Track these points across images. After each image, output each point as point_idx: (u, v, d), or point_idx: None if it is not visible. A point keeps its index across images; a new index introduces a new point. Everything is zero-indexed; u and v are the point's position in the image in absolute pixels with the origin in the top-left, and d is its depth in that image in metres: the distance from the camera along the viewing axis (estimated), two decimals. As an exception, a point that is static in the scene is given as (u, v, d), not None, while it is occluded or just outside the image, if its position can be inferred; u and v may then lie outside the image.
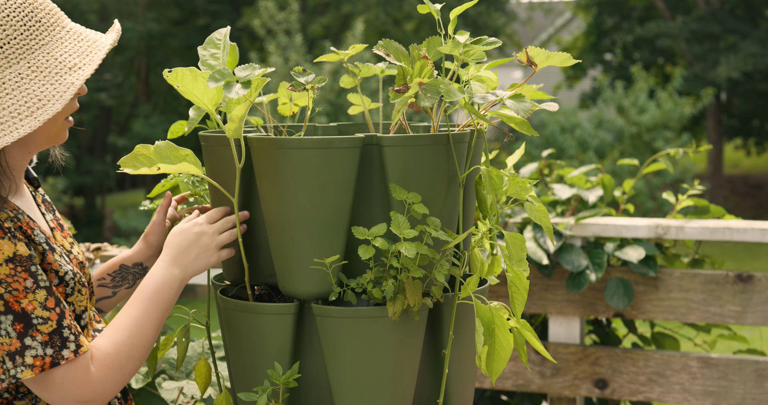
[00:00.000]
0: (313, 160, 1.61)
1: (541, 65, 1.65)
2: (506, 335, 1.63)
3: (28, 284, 1.46)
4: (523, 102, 1.60)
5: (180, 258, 1.65)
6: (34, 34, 1.51)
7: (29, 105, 1.47)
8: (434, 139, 1.64)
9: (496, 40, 1.67)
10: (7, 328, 1.44)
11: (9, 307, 1.44)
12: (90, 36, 1.58)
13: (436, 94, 1.56)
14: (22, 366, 1.44)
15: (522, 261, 1.63)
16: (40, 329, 1.46)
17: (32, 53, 1.50)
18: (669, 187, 12.61)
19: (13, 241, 1.46)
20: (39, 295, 1.47)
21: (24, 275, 1.46)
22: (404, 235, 1.58)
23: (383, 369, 1.65)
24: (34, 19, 1.51)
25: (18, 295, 1.45)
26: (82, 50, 1.54)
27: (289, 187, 1.63)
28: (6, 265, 1.44)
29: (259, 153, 1.65)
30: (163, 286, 1.62)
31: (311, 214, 1.63)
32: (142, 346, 1.58)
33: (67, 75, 1.50)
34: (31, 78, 1.49)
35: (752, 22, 15.64)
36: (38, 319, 1.46)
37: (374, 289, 1.62)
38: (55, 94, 1.48)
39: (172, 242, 1.66)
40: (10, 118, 1.46)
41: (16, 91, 1.47)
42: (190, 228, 1.67)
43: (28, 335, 1.45)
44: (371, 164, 1.64)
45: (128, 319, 1.58)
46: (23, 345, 1.44)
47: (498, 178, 1.63)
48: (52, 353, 1.46)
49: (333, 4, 17.36)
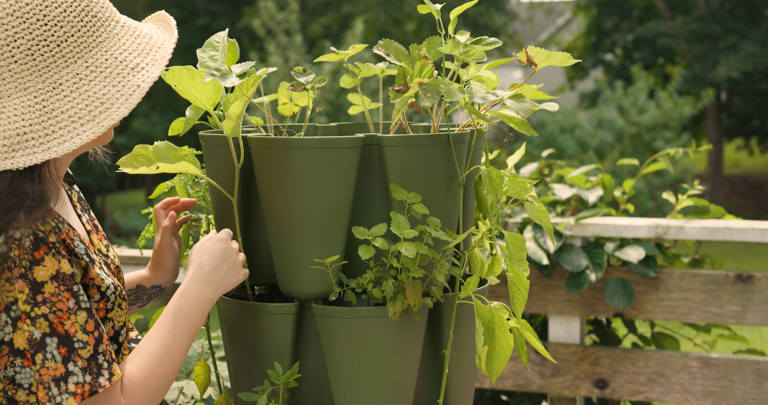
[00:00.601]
0: (313, 161, 1.61)
1: (541, 65, 1.65)
2: (506, 335, 1.63)
3: (70, 305, 1.36)
4: (523, 102, 1.60)
5: (212, 278, 1.55)
6: (91, 31, 1.39)
7: (90, 109, 1.37)
8: (434, 139, 1.64)
9: (496, 40, 1.67)
10: (53, 351, 1.34)
11: (54, 329, 1.34)
12: (144, 31, 1.48)
13: (436, 94, 1.56)
14: (66, 393, 1.34)
15: (522, 261, 1.62)
16: (81, 354, 1.36)
17: (90, 51, 1.39)
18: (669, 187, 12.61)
19: (56, 258, 1.36)
20: (80, 316, 1.37)
21: (66, 295, 1.36)
22: (404, 235, 1.58)
23: (383, 369, 1.65)
24: (90, 13, 1.40)
25: (62, 317, 1.35)
26: (141, 48, 1.44)
27: (289, 187, 1.63)
28: (51, 282, 1.35)
29: (259, 153, 1.65)
30: (195, 309, 1.52)
31: (311, 214, 1.63)
32: (171, 374, 1.48)
33: (130, 76, 1.40)
34: (90, 78, 1.38)
35: (752, 22, 15.64)
36: (79, 343, 1.36)
37: (374, 289, 1.62)
38: (119, 97, 1.38)
39: (199, 261, 1.57)
40: (70, 123, 1.36)
41: (75, 93, 1.37)
42: (214, 246, 1.58)
43: (71, 360, 1.35)
44: (371, 164, 1.64)
45: (159, 346, 1.47)
46: (67, 370, 1.35)
47: (498, 178, 1.63)
48: (90, 380, 1.37)
49: (333, 4, 17.36)
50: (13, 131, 1.36)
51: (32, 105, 1.36)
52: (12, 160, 1.35)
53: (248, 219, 1.74)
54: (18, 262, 1.33)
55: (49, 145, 1.35)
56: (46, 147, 1.35)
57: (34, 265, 1.34)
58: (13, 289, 1.33)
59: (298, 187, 1.62)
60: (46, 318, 1.34)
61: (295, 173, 1.61)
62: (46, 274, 1.34)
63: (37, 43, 1.35)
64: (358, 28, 12.78)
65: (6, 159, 1.35)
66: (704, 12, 15.47)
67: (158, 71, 1.41)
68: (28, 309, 1.34)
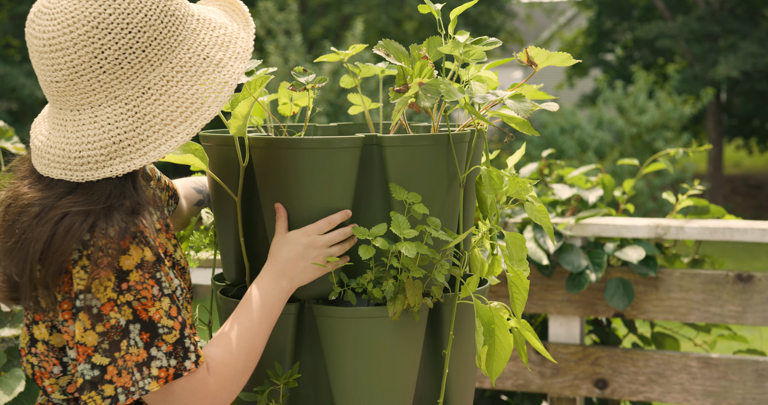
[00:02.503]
0: (313, 160, 1.61)
1: (541, 65, 1.65)
2: (506, 335, 1.63)
3: (154, 292, 1.39)
4: (523, 102, 1.60)
5: (287, 270, 1.57)
6: (171, 31, 1.39)
7: (182, 110, 1.38)
8: (435, 139, 1.64)
9: (496, 40, 1.67)
10: (135, 337, 1.37)
11: (137, 316, 1.37)
12: (218, 21, 1.45)
13: (436, 95, 1.57)
14: (149, 378, 1.37)
15: (522, 261, 1.62)
16: (165, 339, 1.39)
17: (173, 52, 1.39)
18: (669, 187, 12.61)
19: (140, 247, 1.38)
20: (164, 303, 1.40)
21: (151, 282, 1.39)
22: (404, 235, 1.59)
23: (383, 369, 1.65)
24: (168, 13, 1.39)
25: (146, 304, 1.38)
26: (221, 42, 1.42)
27: (289, 187, 1.63)
28: (136, 271, 1.37)
29: (260, 153, 1.65)
30: (271, 297, 1.55)
31: (311, 214, 1.63)
32: (255, 357, 1.51)
33: (216, 73, 1.40)
34: (177, 79, 1.39)
35: (752, 21, 15.64)
36: (164, 329, 1.39)
37: (374, 289, 1.62)
38: (209, 95, 1.38)
39: (278, 252, 1.59)
40: (163, 126, 1.38)
41: (164, 96, 1.38)
42: (298, 239, 1.59)
43: (153, 345, 1.38)
44: (371, 164, 1.64)
45: (241, 329, 1.50)
46: (149, 356, 1.38)
47: (498, 178, 1.63)
48: (175, 364, 1.39)
49: (333, 5, 17.36)
50: (108, 140, 1.37)
51: (124, 112, 1.37)
52: (111, 168, 1.37)
53: (248, 218, 1.74)
54: (105, 251, 1.35)
55: (145, 150, 1.37)
56: (142, 152, 1.37)
57: (120, 254, 1.36)
58: (86, 278, 1.36)
59: (298, 187, 1.62)
60: (130, 305, 1.37)
61: (295, 173, 1.62)
62: (132, 262, 1.37)
63: (123, 52, 1.36)
64: (358, 29, 12.78)
65: (105, 167, 1.37)
66: (704, 12, 15.47)
67: (243, 66, 1.41)
68: (115, 297, 1.36)
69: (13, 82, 14.31)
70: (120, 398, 1.37)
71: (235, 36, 1.45)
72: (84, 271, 1.36)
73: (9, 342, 2.46)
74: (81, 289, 1.36)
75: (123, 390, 1.37)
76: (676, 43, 15.51)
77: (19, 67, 14.76)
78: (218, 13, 1.50)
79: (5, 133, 2.76)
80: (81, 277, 1.36)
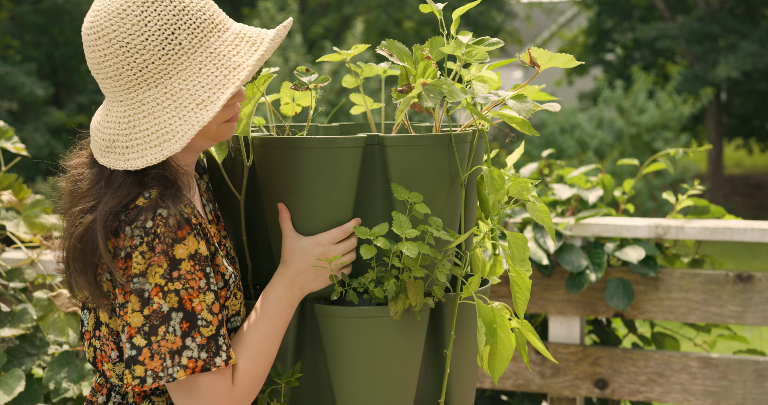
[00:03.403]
0: (315, 160, 1.61)
1: (544, 66, 1.64)
2: (508, 335, 1.64)
3: (201, 284, 1.45)
4: (525, 102, 1.60)
5: (299, 278, 1.61)
6: (171, 59, 1.45)
7: (158, 134, 1.45)
8: (437, 139, 1.65)
9: (498, 40, 1.67)
10: (174, 325, 1.43)
11: (182, 305, 1.43)
12: (230, 59, 1.49)
13: (439, 95, 1.57)
14: (178, 366, 1.43)
15: (524, 261, 1.62)
16: (202, 332, 1.44)
17: (169, 78, 1.45)
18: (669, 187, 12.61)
19: (197, 239, 1.45)
20: (208, 297, 1.46)
21: (200, 275, 1.45)
22: (406, 234, 1.59)
23: (385, 369, 1.65)
24: (174, 41, 1.45)
25: (192, 294, 1.44)
26: (216, 82, 1.46)
27: (292, 186, 1.63)
28: (188, 261, 1.44)
29: (262, 152, 1.66)
30: (285, 303, 1.59)
31: (313, 214, 1.63)
32: (271, 362, 1.56)
33: (193, 112, 1.45)
34: (165, 106, 1.45)
35: (752, 22, 15.65)
36: (202, 321, 1.44)
37: (376, 288, 1.62)
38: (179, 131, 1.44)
39: (291, 261, 1.62)
40: (144, 142, 1.46)
41: (150, 118, 1.46)
42: (311, 249, 1.61)
43: (189, 336, 1.43)
44: (373, 164, 1.65)
45: (258, 335, 1.55)
46: (183, 345, 1.43)
47: (500, 178, 1.63)
48: (205, 357, 1.44)
49: (334, 5, 17.36)
50: (107, 134, 1.49)
51: (123, 117, 1.48)
52: (106, 159, 1.49)
53: (250, 218, 1.74)
54: (162, 238, 1.42)
55: (127, 157, 1.46)
56: (125, 158, 1.46)
57: (175, 242, 1.43)
58: (143, 263, 1.42)
59: (300, 186, 1.62)
60: (177, 294, 1.43)
61: (297, 172, 1.62)
62: (185, 252, 1.44)
63: (122, 67, 1.45)
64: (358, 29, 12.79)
65: (102, 156, 1.49)
66: (704, 12, 15.47)
67: (212, 113, 1.44)
68: (163, 283, 1.42)
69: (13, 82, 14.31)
70: (148, 380, 1.42)
71: (233, 77, 1.47)
72: (142, 257, 1.42)
73: (9, 342, 2.46)
74: (137, 272, 1.42)
75: (152, 373, 1.42)
76: (676, 44, 15.52)
77: (19, 67, 14.76)
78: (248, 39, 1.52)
79: (5, 133, 2.77)
80: (139, 261, 1.43)
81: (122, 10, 1.44)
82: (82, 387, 2.37)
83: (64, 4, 15.86)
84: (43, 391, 2.40)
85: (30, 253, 2.64)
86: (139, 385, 1.42)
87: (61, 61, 16.73)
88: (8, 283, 2.57)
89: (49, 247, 2.66)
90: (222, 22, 1.49)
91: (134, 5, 1.44)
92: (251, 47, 1.49)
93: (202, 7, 1.47)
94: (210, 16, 1.48)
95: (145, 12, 1.44)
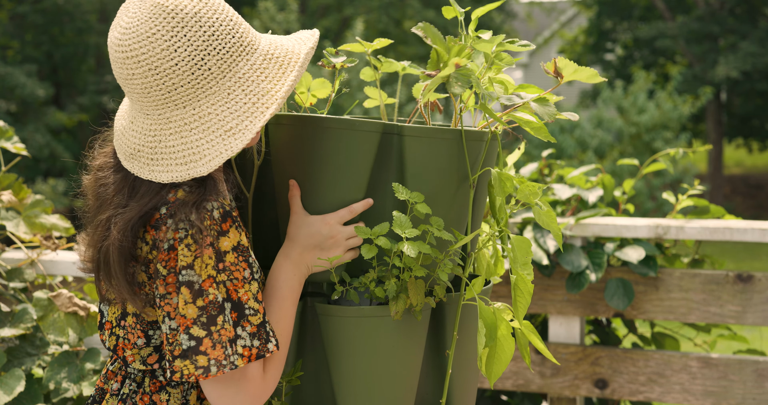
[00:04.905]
0: (332, 140, 1.60)
1: (567, 78, 1.62)
2: (508, 338, 1.63)
3: (246, 275, 1.48)
4: (547, 106, 1.60)
5: (304, 257, 1.62)
6: (201, 84, 1.46)
7: (185, 154, 1.47)
8: (456, 134, 1.64)
9: (527, 42, 1.67)
10: (228, 315, 1.46)
11: (229, 295, 1.46)
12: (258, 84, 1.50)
13: (467, 83, 1.55)
14: (236, 354, 1.46)
15: (527, 265, 1.62)
16: (251, 320, 1.48)
17: (198, 101, 1.47)
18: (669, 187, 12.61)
19: (239, 231, 1.48)
20: (253, 286, 1.49)
21: (244, 265, 1.48)
22: (406, 234, 1.58)
23: (385, 368, 1.65)
24: (204, 67, 1.46)
25: (237, 285, 1.47)
26: (245, 109, 1.48)
27: (306, 164, 1.62)
28: (232, 253, 1.47)
29: (279, 130, 1.65)
30: (294, 282, 1.61)
31: (324, 194, 1.62)
32: (288, 344, 1.58)
33: (220, 139, 1.46)
34: (192, 127, 1.47)
35: (752, 22, 15.65)
36: (250, 310, 1.48)
37: (377, 288, 1.62)
38: (205, 155, 1.46)
39: (296, 237, 1.62)
40: (171, 159, 1.48)
41: (176, 136, 1.48)
42: (318, 227, 1.62)
43: (240, 325, 1.47)
44: (390, 153, 1.63)
45: (277, 318, 1.57)
46: (236, 334, 1.46)
47: (509, 181, 1.63)
48: (258, 345, 1.48)
49: (334, 6, 17.36)
50: (132, 143, 1.51)
51: (149, 130, 1.50)
52: (131, 164, 1.51)
53: (255, 214, 1.75)
54: (209, 231, 1.45)
55: (152, 168, 1.49)
56: (149, 169, 1.49)
57: (221, 235, 1.46)
58: (189, 255, 1.45)
59: (314, 165, 1.61)
60: (224, 285, 1.46)
61: (313, 151, 1.61)
62: (229, 244, 1.47)
63: (150, 87, 1.46)
64: (359, 29, 12.79)
65: (127, 160, 1.52)
66: (704, 12, 15.47)
67: (242, 144, 1.45)
68: (215, 274, 1.45)
69: (13, 82, 14.30)
70: (212, 369, 1.45)
71: (265, 104, 1.48)
72: (188, 249, 1.45)
73: (9, 342, 2.46)
74: (184, 264, 1.45)
75: (216, 362, 1.45)
76: (675, 43, 15.52)
77: (20, 67, 14.76)
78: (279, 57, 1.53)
79: (5, 133, 2.77)
80: (185, 254, 1.45)
81: (152, 34, 1.43)
82: (82, 387, 2.37)
83: (64, 4, 15.85)
84: (43, 391, 2.40)
85: (30, 253, 2.64)
86: (203, 374, 1.44)
87: (61, 62, 16.73)
88: (8, 283, 2.57)
89: (49, 247, 2.66)
90: (251, 43, 1.50)
91: (164, 29, 1.43)
92: (279, 70, 1.51)
93: (231, 29, 1.48)
94: (239, 38, 1.48)
95: (175, 37, 1.43)
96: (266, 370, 1.53)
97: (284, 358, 1.57)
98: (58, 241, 2.70)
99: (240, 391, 1.49)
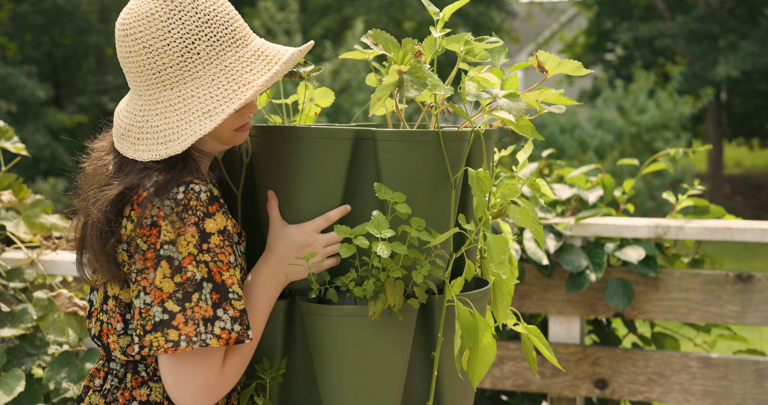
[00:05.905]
0: (305, 149, 1.62)
1: (552, 72, 1.61)
2: (490, 340, 1.60)
3: (230, 259, 1.51)
4: (517, 101, 1.57)
5: (282, 264, 1.64)
6: (190, 66, 1.53)
7: (166, 133, 1.53)
8: (431, 136, 1.63)
9: (497, 39, 1.65)
10: (206, 294, 1.48)
11: (211, 276, 1.49)
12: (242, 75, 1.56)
13: (422, 86, 1.54)
14: (211, 334, 1.48)
15: (502, 264, 1.58)
16: (234, 304, 1.50)
17: (184, 84, 1.53)
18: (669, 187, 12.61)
19: (225, 216, 1.52)
20: (237, 272, 1.52)
21: (228, 250, 1.52)
22: (382, 234, 1.58)
23: (368, 367, 1.65)
24: (194, 50, 1.53)
25: (221, 267, 1.50)
26: (224, 95, 1.53)
27: (281, 174, 1.64)
28: (217, 235, 1.50)
29: (258, 141, 1.68)
30: (270, 288, 1.63)
31: (301, 203, 1.64)
32: (254, 346, 1.60)
33: (198, 120, 1.52)
34: (176, 108, 1.53)
35: (752, 21, 15.64)
36: (234, 295, 1.51)
37: (356, 288, 1.62)
38: (182, 134, 1.52)
39: (274, 247, 1.65)
40: (155, 137, 1.54)
41: (160, 117, 1.54)
42: (295, 236, 1.64)
43: (221, 307, 1.49)
44: (366, 158, 1.64)
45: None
46: (214, 315, 1.48)
47: (486, 179, 1.60)
48: (239, 330, 1.50)
49: (334, 6, 17.36)
50: (124, 122, 1.58)
51: (139, 110, 1.56)
52: (120, 144, 1.58)
53: (245, 215, 1.76)
54: (194, 211, 1.49)
55: (137, 148, 1.55)
56: (134, 149, 1.55)
57: (206, 217, 1.50)
58: (172, 231, 1.48)
59: (289, 174, 1.63)
60: (206, 265, 1.49)
61: (287, 160, 1.63)
62: (215, 227, 1.50)
63: (143, 65, 1.54)
64: (359, 29, 12.79)
65: (117, 141, 1.59)
66: (704, 12, 15.47)
67: (214, 124, 1.51)
68: (195, 252, 1.49)
69: (13, 83, 14.30)
70: (182, 344, 1.47)
71: (242, 92, 1.53)
72: (171, 226, 1.48)
73: (9, 342, 2.46)
74: (166, 240, 1.48)
75: (186, 338, 1.47)
76: (675, 43, 15.52)
77: (20, 68, 14.75)
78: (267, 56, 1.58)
79: (5, 133, 2.77)
80: (168, 230, 1.48)
81: (150, 14, 1.52)
82: (82, 387, 2.37)
83: (64, 5, 15.85)
84: (43, 391, 2.40)
85: (30, 253, 2.64)
86: (173, 347, 1.46)
87: (61, 62, 16.73)
88: (8, 283, 2.57)
89: (49, 247, 2.66)
90: (243, 39, 1.56)
91: (162, 11, 1.52)
92: (265, 66, 1.56)
93: (226, 21, 1.55)
94: (232, 31, 1.55)
95: (171, 19, 1.52)
96: (227, 364, 1.53)
97: (248, 360, 1.58)
98: (58, 241, 2.70)
99: (196, 377, 1.50)
